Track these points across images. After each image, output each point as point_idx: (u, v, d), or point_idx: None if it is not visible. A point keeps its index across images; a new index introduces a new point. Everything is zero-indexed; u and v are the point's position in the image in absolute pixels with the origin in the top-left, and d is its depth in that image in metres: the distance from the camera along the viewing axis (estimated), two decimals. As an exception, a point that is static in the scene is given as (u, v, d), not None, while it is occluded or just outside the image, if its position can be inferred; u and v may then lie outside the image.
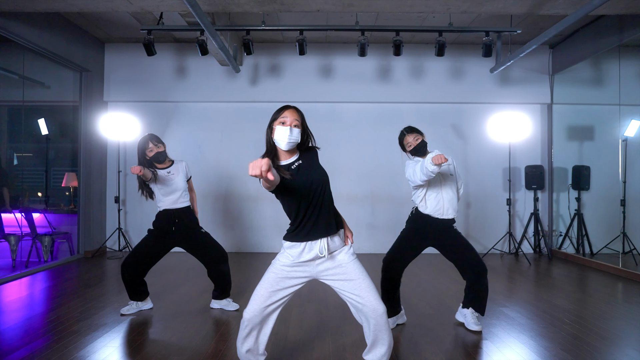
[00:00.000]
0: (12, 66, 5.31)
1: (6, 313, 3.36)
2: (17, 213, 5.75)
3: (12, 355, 2.49)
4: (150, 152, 3.18)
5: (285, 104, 2.04)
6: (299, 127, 1.97)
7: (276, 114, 1.99)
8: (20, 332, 2.89)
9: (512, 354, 2.59)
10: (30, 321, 3.13)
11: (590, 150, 6.22)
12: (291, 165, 1.97)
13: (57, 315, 3.26)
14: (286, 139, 1.92)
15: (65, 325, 3.05)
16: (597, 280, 4.62)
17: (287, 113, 1.96)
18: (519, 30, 4.55)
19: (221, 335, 2.89)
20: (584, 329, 3.03)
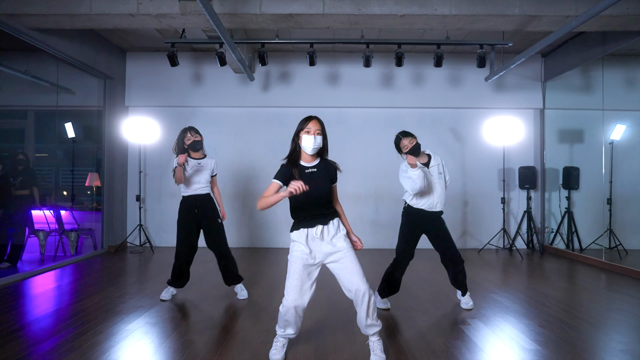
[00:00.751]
0: (43, 74, 5.76)
1: (35, 305, 3.60)
2: (46, 210, 6.20)
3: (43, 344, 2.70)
4: (188, 140, 3.62)
5: (309, 115, 2.46)
6: (321, 135, 2.41)
7: (302, 124, 2.42)
8: (51, 321, 3.13)
9: (497, 329, 3.02)
10: (59, 312, 3.36)
11: (580, 153, 6.64)
12: (306, 169, 2.41)
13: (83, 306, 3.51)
14: (311, 145, 2.36)
15: (91, 311, 3.48)
16: (583, 273, 5.04)
17: (311, 124, 2.40)
18: (510, 43, 4.98)
19: (246, 314, 3.33)
20: (563, 311, 3.45)
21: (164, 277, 4.55)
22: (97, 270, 5.03)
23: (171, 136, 6.70)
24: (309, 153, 2.39)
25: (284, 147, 7.34)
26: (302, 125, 2.42)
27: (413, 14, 4.08)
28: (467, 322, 3.17)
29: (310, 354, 2.56)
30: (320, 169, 2.44)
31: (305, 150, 2.39)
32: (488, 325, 3.09)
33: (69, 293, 4.01)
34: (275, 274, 4.77)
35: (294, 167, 2.39)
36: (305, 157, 2.43)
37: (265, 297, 3.80)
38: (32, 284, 4.37)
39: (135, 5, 4.03)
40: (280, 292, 3.07)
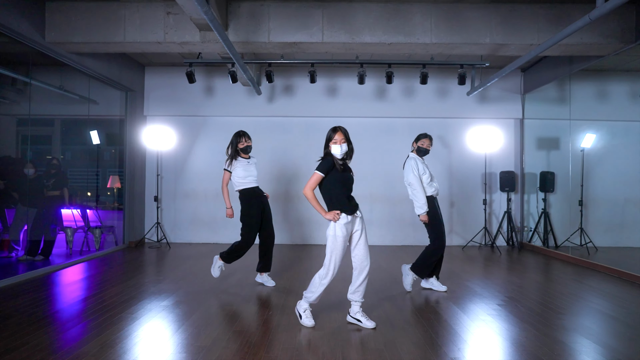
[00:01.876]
0: (75, 88, 6.47)
1: (66, 294, 4.09)
2: (74, 209, 6.90)
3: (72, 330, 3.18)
4: (242, 145, 4.27)
5: (335, 127, 3.16)
6: (345, 142, 3.14)
7: (330, 134, 3.13)
8: (81, 307, 3.57)
9: (467, 309, 3.71)
10: (88, 299, 3.81)
11: (556, 159, 7.31)
12: (340, 161, 3.15)
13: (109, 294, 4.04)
14: (339, 152, 3.11)
15: (115, 298, 4.17)
16: (553, 266, 5.71)
17: (337, 135, 3.11)
18: (487, 63, 5.67)
19: (265, 303, 4.03)
20: (522, 295, 4.14)
21: (181, 270, 5.25)
22: (120, 264, 5.68)
23: (186, 143, 7.42)
24: (339, 158, 3.13)
25: (287, 153, 8.09)
26: (330, 135, 3.13)
27: (399, 42, 4.78)
28: (440, 302, 3.86)
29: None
30: (345, 163, 3.21)
31: (335, 155, 3.12)
32: (461, 306, 3.78)
33: (95, 283, 4.49)
34: (298, 270, 5.46)
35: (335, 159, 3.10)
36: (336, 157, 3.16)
37: (285, 287, 4.50)
38: (63, 275, 4.92)
39: (162, 35, 4.73)
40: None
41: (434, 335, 3.01)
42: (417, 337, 2.96)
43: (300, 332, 3.03)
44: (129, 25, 4.79)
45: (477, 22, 4.78)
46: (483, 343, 2.88)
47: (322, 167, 3.09)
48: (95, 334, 2.95)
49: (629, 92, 6.87)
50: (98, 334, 2.97)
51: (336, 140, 3.09)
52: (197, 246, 6.99)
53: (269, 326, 3.18)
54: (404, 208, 7.29)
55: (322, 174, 3.08)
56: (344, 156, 3.17)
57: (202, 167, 7.42)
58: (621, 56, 5.37)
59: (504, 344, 2.87)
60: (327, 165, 3.08)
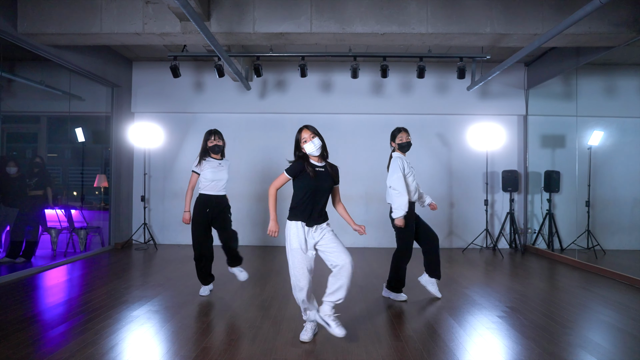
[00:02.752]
0: (59, 84, 6.20)
1: (49, 295, 3.98)
2: (58, 209, 6.65)
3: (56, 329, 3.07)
4: (211, 143, 3.95)
5: (300, 127, 2.88)
6: (317, 136, 2.83)
7: (297, 136, 2.85)
8: (64, 309, 3.51)
9: (464, 322, 3.40)
10: (70, 301, 3.75)
11: (561, 157, 6.97)
12: (316, 167, 2.84)
13: (91, 297, 3.93)
14: (314, 148, 2.80)
15: (99, 301, 3.90)
16: (559, 272, 5.39)
17: (304, 133, 2.83)
18: (488, 56, 5.34)
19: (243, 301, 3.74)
20: (524, 305, 3.82)
21: (167, 271, 4.99)
22: (105, 265, 5.46)
23: (174, 141, 7.14)
24: (316, 155, 2.83)
25: (280, 151, 7.81)
26: (297, 137, 2.86)
27: (393, 32, 4.47)
28: (435, 313, 3.55)
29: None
30: (326, 169, 2.88)
31: (312, 154, 2.82)
32: (455, 317, 3.47)
33: (79, 285, 4.41)
34: (271, 266, 5.17)
35: (307, 163, 2.80)
36: (314, 158, 2.87)
37: (263, 289, 4.21)
38: (45, 277, 4.77)
39: (141, 25, 4.44)
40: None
41: (425, 353, 2.71)
42: (405, 355, 2.66)
43: (275, 350, 2.74)
44: (106, 15, 4.50)
45: (477, 11, 4.46)
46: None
47: (290, 169, 2.84)
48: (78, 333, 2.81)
49: (639, 87, 6.52)
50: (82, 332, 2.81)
51: (305, 138, 2.82)
52: (185, 248, 6.71)
53: (242, 343, 2.89)
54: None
55: (288, 175, 2.83)
56: (323, 154, 2.88)
57: (191, 165, 7.10)
58: (632, 47, 5.02)
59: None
60: (296, 169, 2.82)
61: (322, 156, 2.88)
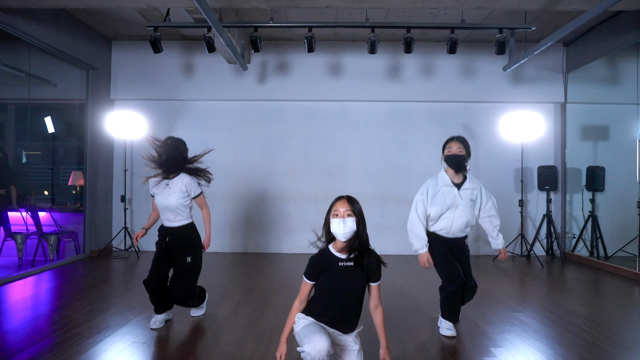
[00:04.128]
0: (18, 64, 5.28)
1: (11, 313, 3.32)
2: (23, 212, 5.74)
3: (17, 356, 2.44)
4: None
5: (339, 196, 2.07)
6: (353, 216, 1.99)
7: (330, 206, 2.06)
8: (25, 333, 2.85)
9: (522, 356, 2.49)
10: (35, 321, 3.09)
11: (605, 151, 6.06)
12: (339, 262, 2.02)
13: (61, 316, 3.22)
14: (341, 230, 1.98)
15: (70, 326, 2.99)
16: (612, 284, 4.48)
17: (339, 204, 2.02)
18: (533, 27, 4.43)
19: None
20: (600, 335, 2.91)
21: (137, 291, 4.08)
22: (77, 277, 4.59)
23: (160, 132, 6.19)
24: (341, 240, 2.01)
25: (282, 144, 6.82)
26: (330, 207, 2.07)
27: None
28: (491, 351, 2.64)
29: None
30: (357, 263, 2.02)
31: (337, 236, 2.02)
32: (515, 355, 2.56)
33: (47, 300, 3.67)
34: (271, 282, 4.26)
35: (327, 258, 2.03)
36: (340, 245, 2.04)
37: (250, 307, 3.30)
38: (8, 291, 4.01)
39: (106, -21, 3.53)
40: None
41: None
42: None
43: None
44: (65, -31, 3.58)
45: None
46: None
47: (307, 270, 2.07)
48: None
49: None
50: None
51: (338, 211, 2.01)
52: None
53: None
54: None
55: (308, 280, 2.06)
56: (353, 242, 2.01)
57: (180, 161, 6.20)
58: None
59: None
60: (313, 267, 2.04)
61: (351, 246, 2.02)
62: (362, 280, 2.04)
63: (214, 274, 4.71)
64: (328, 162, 6.18)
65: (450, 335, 2.87)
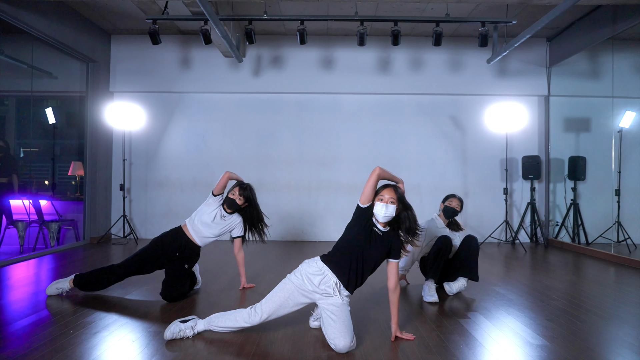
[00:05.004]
0: (21, 56, 5.46)
1: (13, 288, 3.48)
2: (25, 200, 5.91)
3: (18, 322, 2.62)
4: (232, 195, 3.50)
5: (387, 183, 2.38)
6: (395, 204, 2.30)
7: (378, 190, 2.35)
8: (26, 304, 3.00)
9: (499, 323, 2.71)
10: (36, 295, 3.24)
11: (587, 142, 6.32)
12: (374, 227, 2.34)
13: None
14: (382, 213, 2.28)
15: (70, 298, 3.19)
16: (590, 266, 4.73)
17: (386, 192, 2.32)
18: (514, 20, 4.66)
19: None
20: (570, 303, 3.14)
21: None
22: (77, 260, 4.78)
23: (157, 123, 6.41)
24: (381, 221, 2.33)
25: (277, 135, 7.03)
26: (378, 190, 2.36)
27: (409, -16, 3.78)
28: (467, 315, 2.86)
29: (287, 349, 2.26)
30: (385, 236, 2.35)
31: (377, 216, 2.32)
32: (490, 318, 2.79)
33: (47, 279, 3.84)
34: (264, 264, 4.47)
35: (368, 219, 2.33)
36: (379, 220, 2.35)
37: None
38: (9, 271, 4.16)
39: (108, -28, 3.72)
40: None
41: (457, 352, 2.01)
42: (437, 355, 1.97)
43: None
44: (69, -38, 3.78)
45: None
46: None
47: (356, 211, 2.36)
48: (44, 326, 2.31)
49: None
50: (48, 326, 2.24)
51: (383, 196, 2.32)
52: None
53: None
54: (410, 199, 6.24)
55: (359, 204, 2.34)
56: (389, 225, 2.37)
57: (177, 151, 6.40)
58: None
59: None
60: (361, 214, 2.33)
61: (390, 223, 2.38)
62: (383, 251, 2.33)
63: (209, 260, 4.91)
64: (321, 152, 6.39)
65: (432, 301, 3.13)
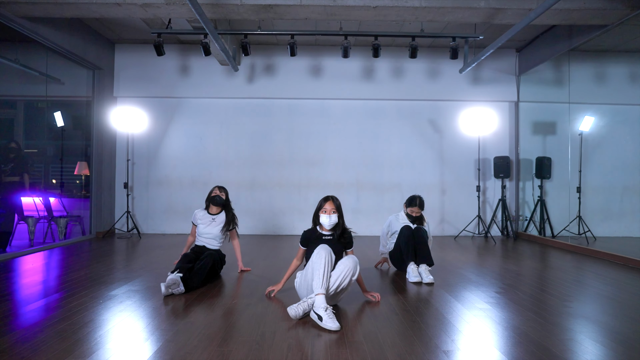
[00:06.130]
0: (33, 64, 5.92)
1: (24, 277, 3.81)
2: (35, 197, 6.36)
3: (31, 305, 3.00)
4: (214, 194, 3.93)
5: (326, 196, 3.00)
6: (337, 213, 2.97)
7: (320, 204, 2.99)
8: (37, 290, 3.32)
9: (461, 298, 3.27)
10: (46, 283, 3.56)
11: (552, 143, 6.93)
12: (323, 236, 2.99)
13: (70, 278, 3.77)
14: (327, 222, 2.96)
15: (78, 286, 3.68)
16: (552, 255, 5.31)
17: (327, 205, 2.96)
18: (481, 36, 5.25)
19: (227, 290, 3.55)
20: (522, 282, 3.71)
21: (150, 257, 4.77)
22: (85, 252, 5.22)
23: (158, 125, 6.91)
24: (327, 228, 2.99)
25: (269, 137, 7.57)
26: (320, 204, 2.99)
27: (385, 6, 4.34)
28: (431, 290, 3.42)
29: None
30: (334, 237, 3.00)
31: (324, 225, 2.99)
32: (450, 293, 3.34)
33: (56, 267, 4.21)
34: (257, 254, 4.97)
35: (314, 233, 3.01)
36: (324, 227, 3.01)
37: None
38: (21, 262, 4.53)
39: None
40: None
41: (423, 325, 2.56)
42: (403, 328, 2.51)
43: (264, 324, 2.57)
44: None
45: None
46: (480, 332, 2.44)
47: (302, 238, 3.07)
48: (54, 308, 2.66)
49: (628, 74, 6.52)
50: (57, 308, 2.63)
51: (326, 209, 2.97)
52: (170, 237, 6.48)
53: (230, 317, 2.71)
54: (392, 196, 6.87)
55: (301, 245, 3.07)
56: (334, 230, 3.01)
57: (176, 152, 6.91)
58: (625, 30, 4.99)
59: (504, 332, 2.43)
60: (305, 236, 3.04)
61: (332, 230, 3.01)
62: (340, 249, 2.95)
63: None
64: (310, 153, 6.93)
65: (415, 281, 3.65)
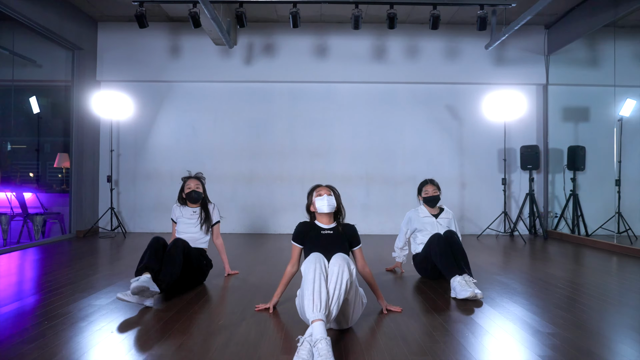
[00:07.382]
0: (1, 41, 5.25)
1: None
2: (8, 192, 5.70)
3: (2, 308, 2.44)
4: (189, 189, 3.28)
5: (316, 184, 2.52)
6: (333, 195, 2.43)
7: (311, 191, 2.48)
8: (11, 292, 2.87)
9: (505, 311, 2.56)
10: (20, 284, 3.11)
11: (586, 131, 6.21)
12: (322, 230, 2.42)
13: (47, 279, 3.23)
14: (325, 204, 2.38)
15: (55, 287, 3.00)
16: (591, 256, 4.60)
17: (321, 188, 2.46)
18: (513, 3, 4.53)
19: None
20: (577, 292, 3.00)
21: (132, 257, 4.11)
22: (63, 252, 4.58)
23: (146, 113, 6.22)
24: (326, 211, 2.40)
25: (269, 126, 6.84)
26: (311, 191, 2.48)
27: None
28: (470, 304, 2.71)
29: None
30: (336, 231, 2.43)
31: (322, 210, 2.39)
32: (494, 307, 2.63)
33: (30, 269, 3.75)
34: (255, 255, 4.29)
35: (312, 226, 2.44)
36: (322, 219, 2.45)
37: (238, 279, 3.34)
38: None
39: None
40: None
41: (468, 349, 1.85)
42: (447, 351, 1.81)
43: (258, 357, 1.87)
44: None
45: None
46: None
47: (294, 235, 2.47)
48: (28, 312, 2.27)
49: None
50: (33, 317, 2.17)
51: (320, 191, 2.44)
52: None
53: (211, 346, 2.01)
54: (405, 190, 6.12)
55: (296, 243, 2.45)
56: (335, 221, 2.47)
57: (166, 142, 6.21)
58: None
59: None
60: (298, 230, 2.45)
61: (333, 218, 2.47)
62: (344, 246, 2.35)
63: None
64: (314, 143, 6.23)
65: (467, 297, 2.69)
